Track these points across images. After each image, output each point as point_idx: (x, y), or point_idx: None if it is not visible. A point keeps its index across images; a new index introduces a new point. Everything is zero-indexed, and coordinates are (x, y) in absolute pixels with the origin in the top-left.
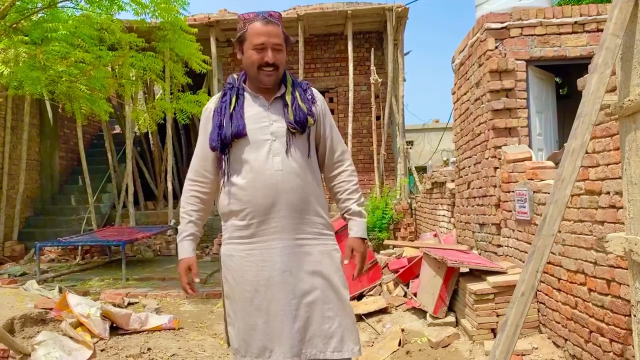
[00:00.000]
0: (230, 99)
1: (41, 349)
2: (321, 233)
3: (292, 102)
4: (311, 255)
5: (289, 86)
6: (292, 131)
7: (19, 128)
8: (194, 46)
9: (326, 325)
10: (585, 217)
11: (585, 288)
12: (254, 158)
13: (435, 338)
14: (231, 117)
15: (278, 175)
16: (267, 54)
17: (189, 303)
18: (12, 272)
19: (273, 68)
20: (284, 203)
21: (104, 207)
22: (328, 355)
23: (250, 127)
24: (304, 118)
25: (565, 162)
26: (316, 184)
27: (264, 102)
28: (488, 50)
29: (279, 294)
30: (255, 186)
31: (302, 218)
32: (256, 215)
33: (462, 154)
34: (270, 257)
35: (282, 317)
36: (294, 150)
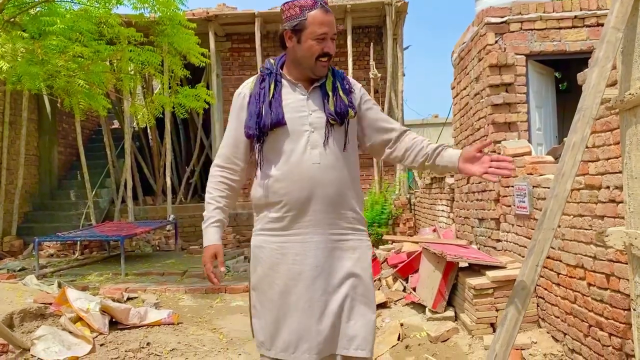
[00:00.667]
0: (269, 86)
1: (40, 344)
2: (355, 228)
3: (333, 92)
4: (344, 250)
5: (329, 75)
6: (332, 123)
7: (17, 123)
8: (192, 40)
9: (352, 322)
10: (585, 212)
11: (584, 282)
12: (291, 149)
13: (435, 332)
14: (270, 105)
15: (315, 168)
16: (327, 45)
17: (188, 298)
18: (11, 267)
19: (328, 58)
20: (319, 197)
21: (102, 202)
22: (351, 352)
23: (288, 117)
24: (345, 110)
25: (565, 156)
26: (352, 177)
27: (303, 91)
28: (488, 44)
29: (309, 289)
30: (292, 179)
31: (337, 212)
32: (292, 209)
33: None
34: (303, 251)
35: (310, 312)
36: (332, 142)
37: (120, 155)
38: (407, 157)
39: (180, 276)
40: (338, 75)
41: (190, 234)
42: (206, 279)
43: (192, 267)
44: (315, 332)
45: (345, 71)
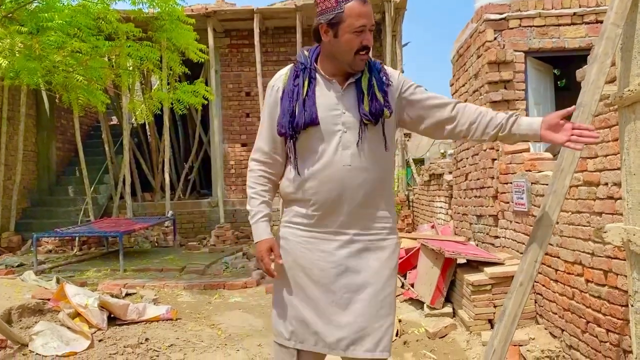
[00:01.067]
0: (303, 83)
1: (39, 339)
2: (384, 228)
3: (368, 89)
4: (371, 251)
5: (365, 70)
6: (366, 122)
7: (16, 119)
8: (191, 36)
9: (376, 324)
10: (583, 208)
11: (582, 279)
12: (323, 149)
13: (433, 328)
14: (304, 103)
15: (346, 170)
16: (366, 37)
17: (186, 294)
18: (10, 263)
19: (367, 51)
20: (348, 199)
21: (101, 198)
22: (377, 355)
23: (321, 115)
24: (380, 110)
25: (564, 153)
26: (384, 177)
27: (338, 88)
28: (487, 41)
29: (332, 286)
30: (322, 180)
31: (366, 214)
32: (320, 208)
33: (460, 145)
34: (328, 249)
35: (332, 310)
36: (365, 143)
37: (118, 152)
38: (473, 131)
39: (178, 272)
40: (375, 69)
41: (189, 230)
42: (204, 275)
43: (190, 263)
44: (337, 329)
45: None
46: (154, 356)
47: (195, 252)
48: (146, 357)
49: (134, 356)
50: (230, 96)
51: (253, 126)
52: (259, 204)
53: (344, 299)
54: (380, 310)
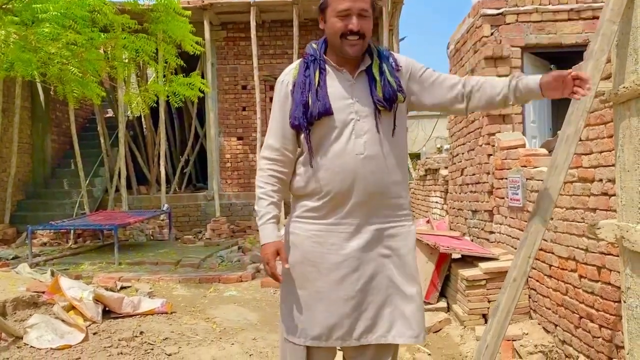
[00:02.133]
0: (314, 73)
1: (33, 332)
2: (398, 215)
3: (380, 76)
4: (384, 239)
5: (375, 58)
6: (380, 109)
7: (10, 111)
8: (187, 28)
9: (388, 309)
10: (577, 205)
11: (576, 275)
12: (336, 138)
13: (427, 323)
14: (317, 93)
15: (358, 159)
16: (351, 21)
17: (181, 287)
18: (4, 256)
19: (358, 37)
20: (361, 189)
21: (96, 191)
22: (390, 339)
23: (334, 105)
24: (394, 95)
25: (559, 149)
26: (398, 163)
27: (349, 77)
28: (483, 36)
29: (342, 279)
30: (334, 170)
31: (379, 202)
32: (332, 199)
33: (456, 140)
34: (339, 241)
35: (344, 301)
36: (379, 130)
37: (114, 144)
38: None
39: (174, 266)
40: (384, 55)
41: (184, 223)
42: (199, 269)
43: (185, 256)
44: (349, 320)
45: None
46: (149, 349)
47: (191, 246)
48: (141, 350)
49: (129, 349)
50: (226, 89)
51: (249, 119)
52: (267, 205)
53: (356, 290)
54: (393, 299)
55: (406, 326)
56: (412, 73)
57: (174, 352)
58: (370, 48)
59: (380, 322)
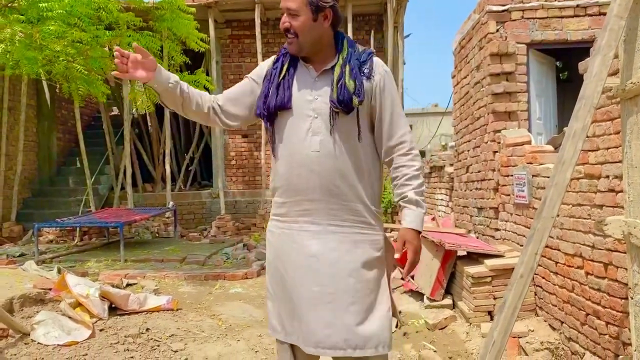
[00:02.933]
0: (282, 67)
1: (40, 328)
2: (363, 222)
3: (339, 77)
4: (344, 244)
5: (341, 58)
6: (336, 110)
7: (16, 109)
8: (191, 25)
9: (346, 320)
10: (584, 201)
11: (582, 271)
12: (294, 134)
13: (433, 320)
14: (278, 86)
15: (314, 156)
16: (283, 20)
17: (187, 284)
18: (11, 253)
19: (293, 35)
20: (317, 187)
21: (102, 188)
22: (368, 352)
23: (296, 100)
24: (349, 98)
25: (566, 145)
26: (361, 169)
27: (313, 74)
28: (489, 33)
29: (303, 279)
30: (291, 164)
31: (340, 204)
32: (290, 195)
33: (461, 138)
34: (300, 240)
35: (306, 303)
36: (336, 131)
37: (119, 142)
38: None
39: (179, 263)
40: (354, 57)
41: (190, 221)
42: (204, 266)
43: (191, 254)
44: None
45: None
46: (155, 346)
47: (196, 243)
48: (147, 346)
49: (135, 346)
50: (230, 87)
51: None
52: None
53: (314, 292)
54: (351, 307)
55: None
56: (379, 96)
57: (180, 349)
58: (342, 47)
59: (337, 333)
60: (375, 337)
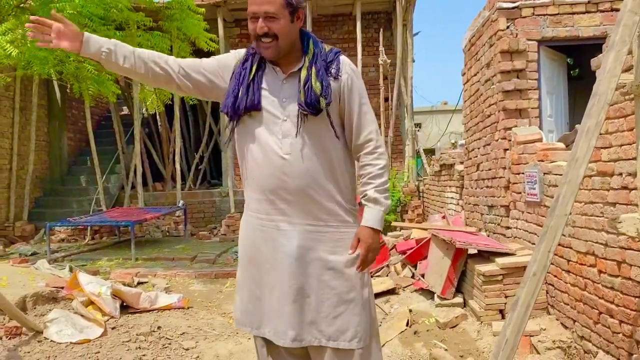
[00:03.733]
0: (251, 67)
1: (53, 326)
2: (339, 220)
3: (305, 80)
4: (321, 242)
5: (307, 60)
6: (304, 113)
7: (28, 109)
8: (201, 25)
9: (323, 314)
10: (596, 199)
11: (595, 270)
12: (264, 135)
13: (443, 319)
14: (248, 87)
15: (286, 159)
16: (259, 24)
17: (198, 283)
18: (23, 252)
19: (271, 39)
20: (290, 188)
21: (112, 187)
22: (323, 342)
23: (265, 102)
24: (316, 100)
25: (579, 142)
26: (333, 168)
27: (281, 76)
28: (499, 30)
29: (281, 276)
30: (264, 165)
31: (314, 204)
32: (266, 193)
33: (472, 135)
34: (277, 238)
35: (283, 299)
36: (307, 132)
37: (129, 142)
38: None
39: (189, 261)
40: (320, 57)
41: (200, 219)
42: (215, 264)
43: (201, 252)
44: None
45: (354, 57)
46: (166, 344)
47: (206, 242)
48: (158, 345)
49: (147, 344)
50: None
51: None
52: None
53: (293, 289)
54: (326, 302)
55: (341, 330)
56: (346, 95)
57: (192, 347)
58: (307, 48)
59: (314, 327)
60: (351, 330)
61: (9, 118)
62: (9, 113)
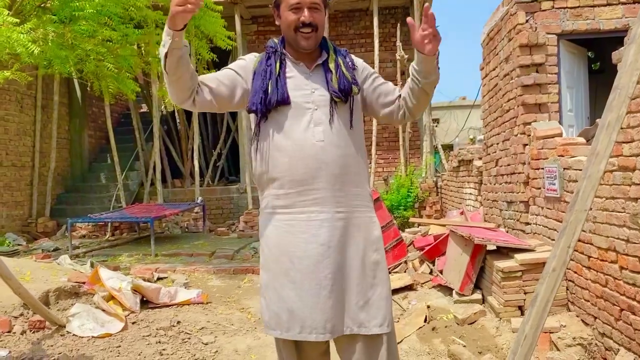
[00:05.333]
0: (275, 64)
1: (75, 321)
2: (363, 205)
3: (336, 69)
4: (353, 228)
5: (331, 53)
6: (336, 100)
7: (49, 107)
8: (219, 23)
9: (361, 301)
10: (617, 194)
11: (616, 266)
12: (294, 127)
13: (462, 315)
14: (276, 82)
15: (319, 146)
16: (303, 14)
17: (216, 278)
18: (46, 248)
19: (312, 29)
20: (324, 175)
21: (132, 184)
22: (355, 330)
23: (293, 95)
24: (349, 87)
25: (600, 136)
26: (358, 155)
27: (305, 70)
28: (518, 24)
29: (315, 267)
30: (295, 156)
31: (342, 190)
32: (295, 185)
33: (490, 131)
34: (309, 229)
35: (316, 291)
36: (336, 120)
37: (148, 139)
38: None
39: (208, 257)
40: (340, 52)
41: (218, 216)
42: (233, 260)
43: (219, 248)
44: (322, 311)
45: (371, 53)
46: (186, 338)
47: (224, 238)
48: (178, 339)
49: (167, 338)
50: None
51: None
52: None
53: (328, 279)
54: (358, 288)
55: (372, 315)
56: (366, 75)
57: (211, 342)
58: (327, 44)
59: (351, 314)
60: (381, 315)
61: (31, 116)
62: (31, 111)
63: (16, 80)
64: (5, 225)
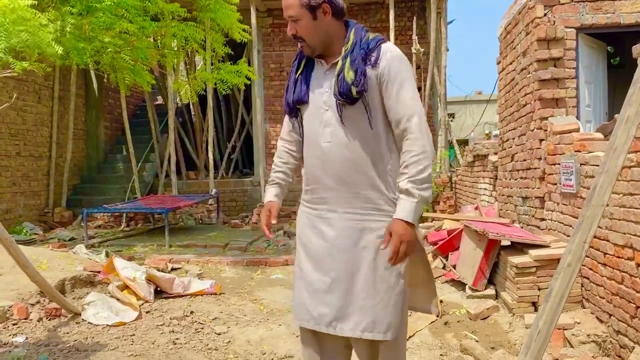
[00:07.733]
0: (300, 63)
1: (91, 309)
2: (377, 209)
3: (339, 70)
4: (358, 231)
5: (343, 51)
6: (340, 102)
7: (66, 98)
8: (234, 16)
9: (360, 303)
10: (635, 190)
11: (632, 263)
12: (310, 126)
13: (475, 310)
14: (296, 82)
15: (326, 147)
16: (290, 27)
17: (229, 269)
18: (62, 237)
19: (301, 40)
20: (330, 176)
21: (147, 176)
22: (357, 334)
23: (311, 94)
24: (347, 89)
25: (618, 131)
26: (374, 155)
27: (324, 68)
28: (536, 17)
29: (320, 264)
30: (309, 155)
31: (354, 192)
32: (311, 182)
33: (506, 125)
34: (319, 226)
35: (319, 287)
36: (346, 121)
37: (163, 131)
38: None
39: (222, 248)
40: (359, 46)
41: (232, 208)
42: (246, 252)
43: (233, 240)
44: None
45: None
46: (199, 328)
47: (238, 230)
48: (191, 329)
49: (180, 328)
50: (272, 76)
51: None
52: (275, 172)
53: (330, 277)
54: (364, 292)
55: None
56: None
57: (223, 332)
58: (348, 38)
59: (351, 316)
60: (386, 322)
61: (49, 107)
62: (49, 102)
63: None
64: (23, 215)
